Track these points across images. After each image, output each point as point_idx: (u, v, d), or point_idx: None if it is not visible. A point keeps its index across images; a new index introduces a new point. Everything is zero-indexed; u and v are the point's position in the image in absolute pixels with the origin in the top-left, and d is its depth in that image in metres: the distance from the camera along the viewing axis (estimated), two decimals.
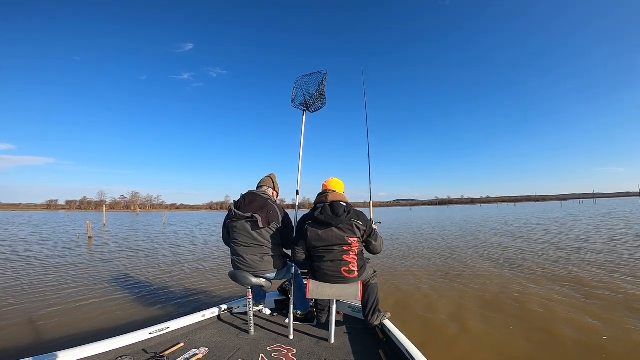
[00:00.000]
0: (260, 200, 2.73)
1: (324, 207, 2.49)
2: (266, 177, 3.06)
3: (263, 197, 2.77)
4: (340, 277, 2.47)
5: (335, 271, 2.47)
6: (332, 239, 2.45)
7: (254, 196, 2.78)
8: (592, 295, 4.84)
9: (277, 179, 3.12)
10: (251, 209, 2.66)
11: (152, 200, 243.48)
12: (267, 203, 2.72)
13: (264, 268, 2.65)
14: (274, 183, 3.06)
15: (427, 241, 12.69)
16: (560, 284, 5.57)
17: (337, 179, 2.86)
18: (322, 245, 2.49)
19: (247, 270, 2.64)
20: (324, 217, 2.44)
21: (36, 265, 8.25)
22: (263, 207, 2.67)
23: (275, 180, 3.08)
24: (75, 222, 32.43)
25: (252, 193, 2.82)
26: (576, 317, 4.05)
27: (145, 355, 2.25)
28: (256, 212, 2.63)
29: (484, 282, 5.87)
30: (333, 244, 2.46)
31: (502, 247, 10.13)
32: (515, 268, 6.98)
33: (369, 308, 2.71)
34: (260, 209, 2.66)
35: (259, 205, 2.69)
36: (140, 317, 4.36)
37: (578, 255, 8.08)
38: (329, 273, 2.49)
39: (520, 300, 4.77)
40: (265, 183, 3.00)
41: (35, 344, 3.50)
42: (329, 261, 2.48)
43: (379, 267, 6.80)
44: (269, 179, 3.04)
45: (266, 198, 2.78)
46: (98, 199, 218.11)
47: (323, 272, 2.51)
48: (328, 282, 2.51)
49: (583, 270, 6.43)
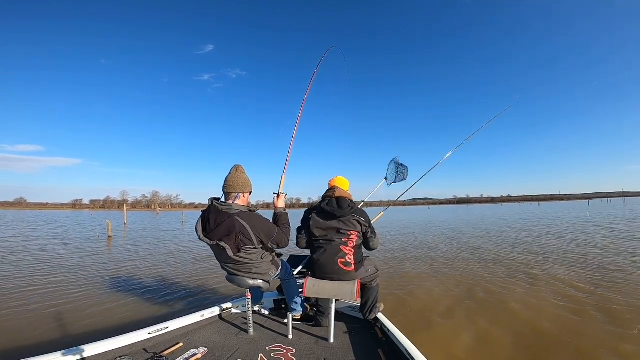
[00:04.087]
0: (227, 223, 2.30)
1: (331, 200, 2.71)
2: (232, 178, 2.49)
3: (230, 215, 2.33)
4: (337, 269, 2.58)
5: (332, 263, 2.58)
6: (333, 229, 2.65)
7: (218, 216, 2.35)
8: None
9: (246, 172, 2.60)
10: (217, 235, 2.32)
11: (172, 200, 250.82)
12: (234, 225, 2.30)
13: (256, 272, 2.57)
14: (244, 184, 2.51)
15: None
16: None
17: (343, 177, 2.98)
18: (322, 236, 2.67)
19: (241, 276, 2.57)
20: (329, 207, 2.65)
21: (45, 264, 8.49)
22: (231, 231, 2.30)
23: (244, 178, 2.53)
24: (96, 221, 33.64)
25: (216, 210, 2.37)
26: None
27: (144, 355, 2.24)
28: (223, 239, 2.32)
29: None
30: (333, 235, 2.64)
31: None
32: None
33: (368, 307, 2.82)
34: (228, 234, 2.31)
35: (225, 228, 2.30)
36: (140, 317, 4.42)
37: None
38: (325, 264, 2.60)
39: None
40: (232, 188, 2.46)
41: (35, 344, 3.55)
42: (327, 252, 2.61)
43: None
44: (237, 181, 2.48)
45: (233, 215, 2.33)
46: (120, 198, 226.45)
47: (320, 264, 2.62)
48: (326, 274, 2.61)
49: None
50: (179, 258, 9.57)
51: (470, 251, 9.72)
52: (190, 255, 10.11)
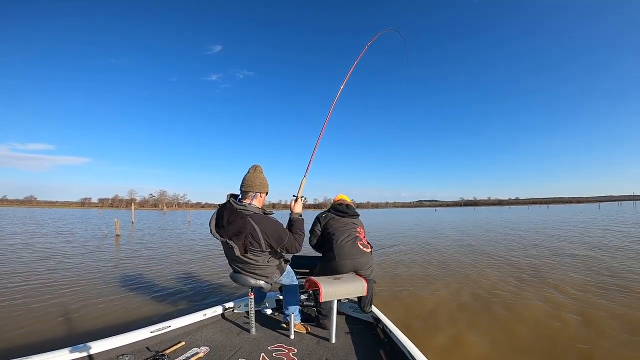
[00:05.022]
0: (239, 223, 2.32)
1: (342, 204, 3.28)
2: (250, 177, 2.52)
3: (243, 216, 2.35)
4: (358, 250, 2.92)
5: (353, 245, 2.94)
6: (349, 222, 3.14)
7: (232, 214, 2.36)
8: None
9: (264, 172, 2.62)
10: (228, 233, 2.34)
11: (179, 199, 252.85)
12: (246, 225, 2.33)
13: (260, 274, 2.57)
14: (262, 184, 2.53)
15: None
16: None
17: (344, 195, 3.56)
18: (340, 227, 3.07)
19: (244, 275, 2.57)
20: (342, 207, 3.23)
21: (50, 261, 8.59)
22: (241, 232, 2.31)
23: (261, 178, 2.55)
24: (104, 219, 34.04)
25: (231, 208, 2.39)
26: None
27: (146, 353, 2.25)
28: (232, 238, 2.33)
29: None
30: (350, 226, 3.09)
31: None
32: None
33: (368, 300, 2.95)
34: (238, 234, 2.32)
35: (236, 228, 2.32)
36: (142, 315, 4.44)
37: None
38: (346, 246, 2.92)
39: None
40: (250, 187, 2.48)
41: (37, 342, 3.57)
42: (348, 236, 2.99)
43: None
44: (255, 181, 2.50)
45: (247, 216, 2.36)
46: (128, 197, 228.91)
47: (341, 247, 2.92)
48: (347, 256, 2.89)
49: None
50: (183, 257, 9.63)
51: (478, 254, 9.62)
52: (194, 255, 10.15)
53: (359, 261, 2.90)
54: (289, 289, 2.86)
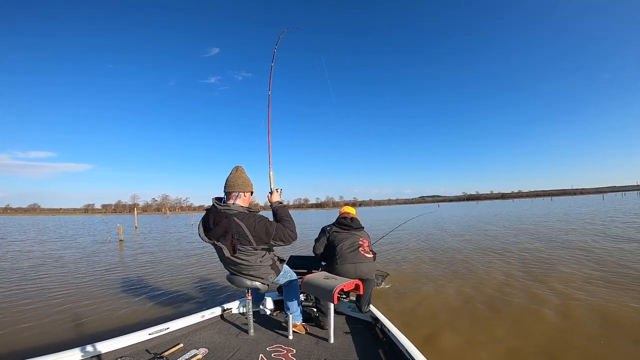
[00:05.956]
0: (224, 223, 2.35)
1: (347, 217, 3.46)
2: (232, 178, 2.53)
3: (227, 215, 2.37)
4: (359, 256, 3.09)
5: (355, 252, 3.12)
6: (352, 235, 3.28)
7: (217, 216, 2.40)
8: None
9: (246, 172, 2.62)
10: (215, 235, 2.39)
11: (181, 203, 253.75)
12: (231, 225, 2.34)
13: (256, 274, 2.55)
14: (244, 183, 2.54)
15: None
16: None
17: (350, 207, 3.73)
18: (342, 238, 3.23)
19: (240, 276, 2.56)
20: (346, 221, 3.38)
21: (53, 266, 8.67)
22: (227, 232, 2.34)
23: (244, 178, 2.57)
24: (108, 225, 34.13)
25: (215, 210, 2.43)
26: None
27: (145, 355, 2.26)
28: (219, 240, 2.37)
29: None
30: (353, 237, 3.25)
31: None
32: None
33: (365, 300, 2.99)
34: (224, 234, 2.35)
35: (222, 229, 2.35)
36: (140, 317, 4.45)
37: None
38: (347, 252, 3.11)
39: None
40: (232, 188, 2.49)
41: (35, 344, 3.59)
42: (348, 245, 3.16)
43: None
44: (237, 181, 2.52)
45: (231, 216, 2.36)
46: (131, 202, 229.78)
47: (343, 253, 3.12)
48: (348, 261, 3.06)
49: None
50: (184, 260, 9.66)
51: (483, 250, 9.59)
52: (194, 257, 10.17)
53: (361, 267, 3.05)
54: (288, 289, 2.84)
